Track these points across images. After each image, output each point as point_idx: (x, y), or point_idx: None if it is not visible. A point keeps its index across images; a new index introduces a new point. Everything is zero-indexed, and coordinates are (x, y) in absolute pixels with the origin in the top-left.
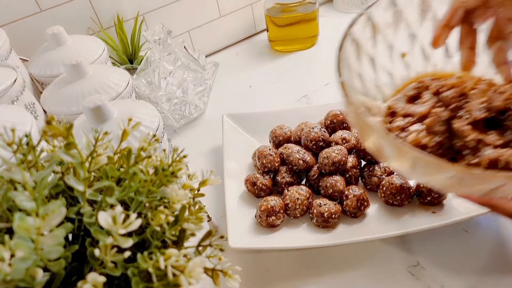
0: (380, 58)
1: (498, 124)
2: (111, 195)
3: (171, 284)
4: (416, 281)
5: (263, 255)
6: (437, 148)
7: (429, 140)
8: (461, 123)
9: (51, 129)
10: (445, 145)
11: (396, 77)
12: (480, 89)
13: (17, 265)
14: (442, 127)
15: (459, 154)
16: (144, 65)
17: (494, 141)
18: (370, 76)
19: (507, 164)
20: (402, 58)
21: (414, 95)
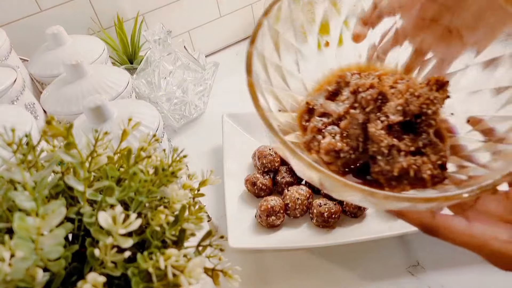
0: (302, 48)
1: (415, 127)
2: (111, 195)
3: (171, 284)
4: (416, 281)
5: (263, 255)
6: (351, 152)
7: (343, 145)
8: (376, 128)
9: (51, 129)
10: (360, 148)
11: (318, 70)
12: (398, 90)
13: (17, 265)
14: (357, 130)
15: (374, 158)
16: (144, 65)
17: (407, 148)
18: (289, 68)
19: (417, 173)
20: (326, 48)
21: (334, 90)
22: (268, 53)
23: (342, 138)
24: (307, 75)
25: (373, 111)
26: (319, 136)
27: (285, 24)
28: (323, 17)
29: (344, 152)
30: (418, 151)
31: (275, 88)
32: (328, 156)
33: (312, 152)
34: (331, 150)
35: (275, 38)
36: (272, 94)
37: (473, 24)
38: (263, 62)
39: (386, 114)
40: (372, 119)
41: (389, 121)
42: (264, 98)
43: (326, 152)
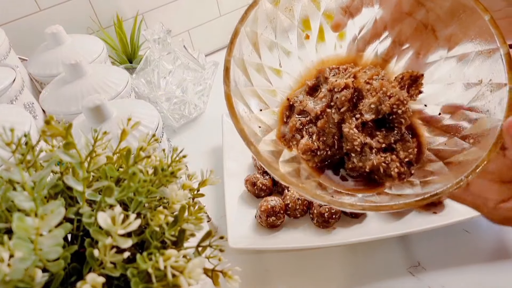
0: (282, 43)
1: (388, 123)
2: (110, 195)
3: (170, 285)
4: (416, 281)
5: (263, 255)
6: (327, 149)
7: (318, 144)
8: (350, 127)
9: (50, 129)
10: (335, 146)
11: (300, 64)
12: (373, 88)
13: (16, 266)
14: (333, 129)
15: (348, 155)
16: (144, 65)
17: (378, 145)
18: (270, 64)
19: (386, 170)
20: (306, 41)
21: (314, 85)
22: (247, 55)
23: (318, 137)
24: (289, 69)
25: (348, 110)
26: (297, 135)
27: (263, 24)
28: (302, 13)
29: (320, 150)
30: (389, 147)
31: (256, 87)
32: (305, 155)
33: (291, 148)
34: (307, 150)
35: (254, 39)
36: (254, 93)
37: (446, 21)
38: (243, 66)
39: (360, 111)
40: (346, 118)
41: (363, 119)
42: (245, 102)
43: (303, 152)
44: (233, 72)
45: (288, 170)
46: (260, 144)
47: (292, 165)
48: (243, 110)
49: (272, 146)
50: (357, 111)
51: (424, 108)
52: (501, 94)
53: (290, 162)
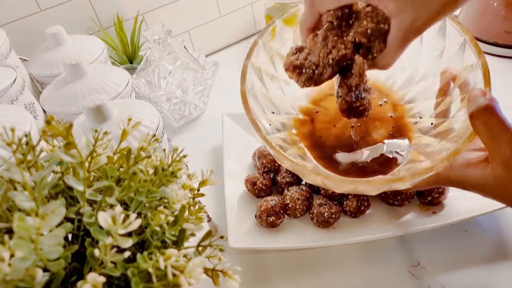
0: None
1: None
2: (111, 195)
3: (171, 284)
4: (416, 281)
5: (263, 255)
6: (314, 67)
7: (302, 62)
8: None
9: (51, 129)
10: (322, 62)
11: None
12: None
13: (17, 265)
14: (319, 47)
15: (344, 71)
16: (144, 65)
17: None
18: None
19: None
20: None
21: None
22: (264, 65)
23: (306, 57)
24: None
25: (338, 27)
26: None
27: (279, 41)
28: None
29: (306, 68)
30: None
31: (271, 94)
32: (293, 73)
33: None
34: (290, 65)
35: (270, 53)
36: (267, 99)
37: None
38: (259, 73)
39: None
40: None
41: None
42: (259, 103)
43: (286, 68)
44: (249, 76)
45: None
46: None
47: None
48: (256, 108)
49: (280, 142)
50: (347, 31)
51: (419, 120)
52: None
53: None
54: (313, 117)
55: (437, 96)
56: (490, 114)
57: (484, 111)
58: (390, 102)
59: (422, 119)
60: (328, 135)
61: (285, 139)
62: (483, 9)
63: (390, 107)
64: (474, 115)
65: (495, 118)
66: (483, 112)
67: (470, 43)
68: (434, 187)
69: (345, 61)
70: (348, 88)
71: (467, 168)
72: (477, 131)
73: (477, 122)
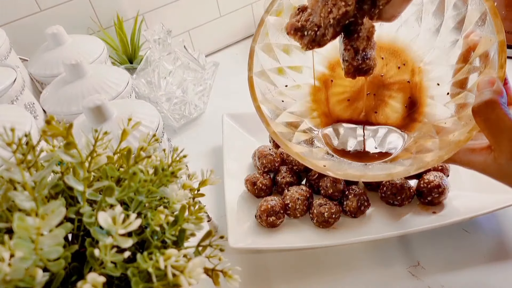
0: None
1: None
2: (111, 195)
3: (171, 284)
4: (416, 281)
5: (263, 255)
6: (316, 28)
7: (303, 24)
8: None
9: (51, 129)
10: (323, 23)
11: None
12: None
13: (17, 265)
14: (319, 6)
15: (348, 30)
16: (144, 65)
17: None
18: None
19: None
20: None
21: None
22: (274, 38)
23: (307, 17)
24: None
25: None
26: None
27: (287, 13)
28: None
29: (308, 30)
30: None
31: (283, 66)
32: (295, 36)
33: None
34: (291, 27)
35: (280, 26)
36: (280, 71)
37: None
38: (269, 48)
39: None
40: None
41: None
42: (270, 80)
43: (289, 32)
44: (257, 57)
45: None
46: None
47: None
48: (267, 89)
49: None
50: None
51: (436, 87)
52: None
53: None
54: (328, 85)
55: (457, 62)
56: (492, 110)
57: (485, 107)
58: (408, 65)
59: (439, 85)
60: (342, 105)
61: (298, 112)
62: None
63: (408, 71)
64: (475, 110)
65: (497, 114)
66: (485, 108)
67: (490, 14)
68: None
69: (347, 19)
70: (354, 52)
71: (471, 153)
72: (479, 125)
73: (478, 118)
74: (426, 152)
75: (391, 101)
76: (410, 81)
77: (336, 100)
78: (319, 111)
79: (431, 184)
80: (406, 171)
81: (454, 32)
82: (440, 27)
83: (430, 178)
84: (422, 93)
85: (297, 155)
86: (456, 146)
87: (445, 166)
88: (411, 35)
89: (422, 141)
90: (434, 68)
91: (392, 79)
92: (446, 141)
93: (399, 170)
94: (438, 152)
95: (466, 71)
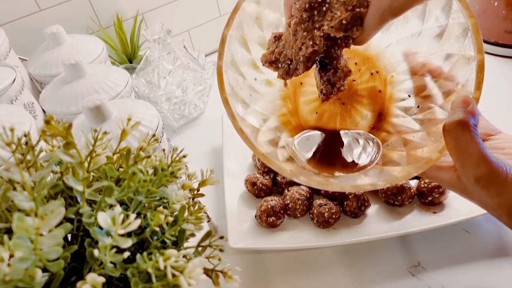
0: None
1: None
2: (110, 195)
3: (170, 285)
4: (416, 281)
5: (263, 255)
6: (288, 62)
7: (277, 57)
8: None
9: (50, 129)
10: (295, 57)
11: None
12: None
13: (16, 266)
14: (292, 41)
15: (325, 62)
16: (144, 65)
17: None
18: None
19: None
20: None
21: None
22: (248, 30)
23: (281, 50)
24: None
25: (310, 18)
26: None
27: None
28: None
29: (281, 63)
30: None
31: (254, 58)
32: (270, 67)
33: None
34: (266, 61)
35: (255, 15)
36: (251, 63)
37: None
38: (242, 39)
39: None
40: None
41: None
42: (240, 72)
43: (264, 64)
44: (228, 46)
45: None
46: (259, 136)
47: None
48: (235, 80)
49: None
50: (320, 20)
51: (407, 97)
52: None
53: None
54: (296, 88)
55: (410, 73)
56: (462, 131)
57: (456, 126)
58: (381, 74)
59: (410, 97)
60: (311, 106)
61: (265, 108)
62: (483, 9)
63: (381, 79)
64: (446, 128)
65: (466, 136)
66: (455, 127)
67: (472, 31)
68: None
69: (316, 57)
70: (331, 87)
71: (439, 170)
72: (447, 144)
73: (447, 137)
74: (393, 164)
75: (360, 108)
76: (381, 91)
77: (305, 101)
78: (288, 109)
79: (432, 184)
80: (373, 185)
81: (432, 44)
82: (418, 37)
83: None
84: (392, 103)
85: (263, 156)
86: (426, 164)
87: None
88: (385, 43)
89: (389, 153)
90: (406, 79)
91: (364, 85)
92: (414, 156)
93: (365, 182)
94: (407, 168)
95: (418, 80)
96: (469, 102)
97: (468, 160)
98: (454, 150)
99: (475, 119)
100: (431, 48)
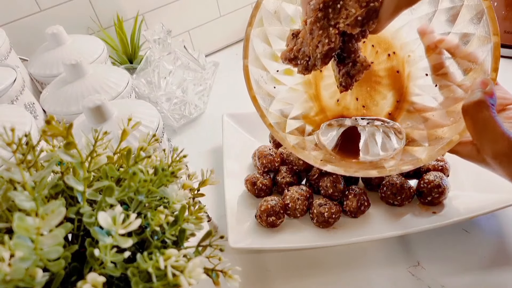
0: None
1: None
2: (111, 195)
3: (171, 284)
4: (416, 281)
5: (263, 255)
6: (307, 58)
7: (296, 54)
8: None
9: (51, 129)
10: (312, 54)
11: None
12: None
13: (17, 265)
14: (308, 39)
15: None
16: (144, 65)
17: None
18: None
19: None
20: None
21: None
22: (267, 25)
23: (299, 47)
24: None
25: (325, 16)
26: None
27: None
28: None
29: (300, 59)
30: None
31: (275, 50)
32: (290, 64)
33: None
34: (285, 59)
35: (275, 8)
36: (273, 56)
37: None
38: (263, 35)
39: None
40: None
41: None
42: (262, 66)
43: (283, 60)
44: (251, 44)
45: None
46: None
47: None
48: (259, 76)
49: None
50: (336, 17)
51: (424, 76)
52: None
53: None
54: (316, 73)
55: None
56: (480, 110)
57: (474, 107)
58: (398, 54)
59: (428, 76)
60: (331, 92)
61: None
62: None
63: (398, 59)
64: (465, 109)
65: (484, 115)
66: (473, 107)
67: (487, 14)
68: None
69: (333, 53)
70: (350, 78)
71: (458, 145)
72: (466, 123)
73: (466, 117)
74: (415, 145)
75: (381, 89)
76: (399, 71)
77: (325, 85)
78: (309, 95)
79: (431, 184)
80: (398, 168)
81: (446, 25)
82: (432, 18)
83: (430, 178)
84: (410, 82)
85: (293, 148)
86: (447, 145)
87: (445, 166)
88: (400, 24)
89: (410, 133)
90: (423, 58)
91: (382, 66)
92: (435, 136)
93: (391, 164)
94: (430, 149)
95: (435, 58)
96: (487, 83)
97: (486, 137)
98: (473, 128)
99: (492, 99)
100: (446, 28)
